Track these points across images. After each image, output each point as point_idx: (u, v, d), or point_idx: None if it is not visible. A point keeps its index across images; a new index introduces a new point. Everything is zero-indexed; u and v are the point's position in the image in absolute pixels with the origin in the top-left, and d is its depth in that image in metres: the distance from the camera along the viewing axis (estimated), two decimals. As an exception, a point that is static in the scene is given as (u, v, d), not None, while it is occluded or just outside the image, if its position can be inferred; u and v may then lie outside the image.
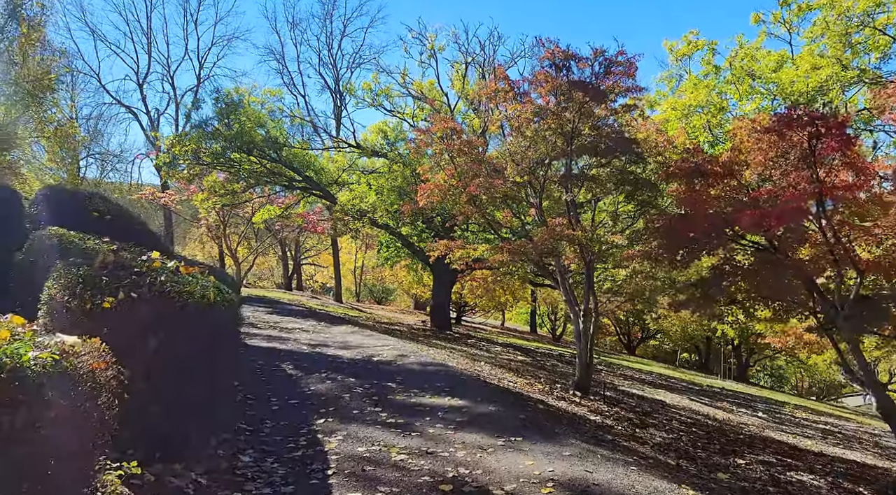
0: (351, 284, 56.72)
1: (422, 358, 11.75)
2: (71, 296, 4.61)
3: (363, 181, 20.51)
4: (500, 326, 46.91)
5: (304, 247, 58.59)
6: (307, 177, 20.73)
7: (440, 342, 17.28)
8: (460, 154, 11.44)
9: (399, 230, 21.10)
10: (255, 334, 13.69)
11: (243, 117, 19.39)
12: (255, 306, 18.69)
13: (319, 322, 16.34)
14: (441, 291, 21.47)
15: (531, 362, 16.75)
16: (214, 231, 28.72)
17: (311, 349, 12.31)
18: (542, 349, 24.39)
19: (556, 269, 11.64)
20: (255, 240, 31.95)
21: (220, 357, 6.54)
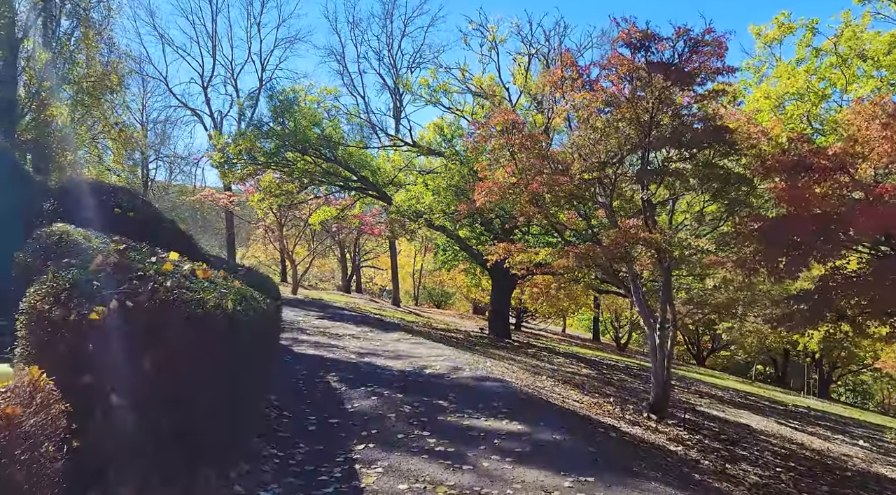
0: (410, 287, 56.31)
1: (478, 371, 10.76)
2: (54, 305, 3.87)
3: (419, 181, 19.72)
4: (561, 333, 45.42)
5: (363, 250, 58.66)
6: (363, 177, 20.09)
7: (498, 351, 16.24)
8: (522, 149, 10.40)
9: (456, 232, 20.20)
10: (303, 341, 13.04)
11: (298, 116, 18.91)
12: (308, 310, 18.14)
13: (371, 328, 15.59)
14: (500, 297, 20.43)
15: (597, 376, 15.50)
16: (272, 232, 28.55)
17: (360, 358, 11.52)
18: (608, 360, 22.99)
19: (627, 276, 10.44)
20: (312, 241, 31.69)
21: (245, 373, 5.75)
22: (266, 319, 6.55)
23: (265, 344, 7.14)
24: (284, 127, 17.93)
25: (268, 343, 7.37)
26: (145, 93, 44.50)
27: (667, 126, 8.90)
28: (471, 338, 19.25)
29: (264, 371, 7.99)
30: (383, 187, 20.73)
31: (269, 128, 18.04)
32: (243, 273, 8.60)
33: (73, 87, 18.31)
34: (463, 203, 13.22)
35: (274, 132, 18.00)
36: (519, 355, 16.47)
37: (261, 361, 7.32)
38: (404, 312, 32.30)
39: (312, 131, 18.80)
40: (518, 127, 10.71)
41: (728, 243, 8.76)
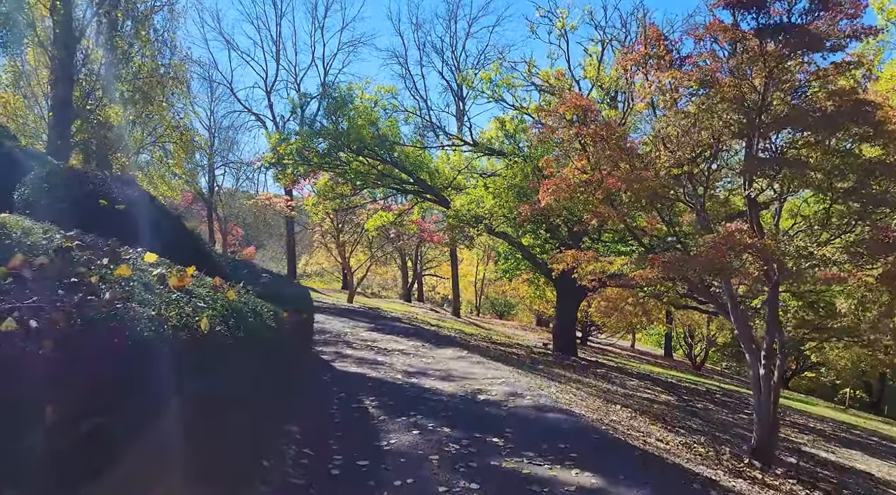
0: (472, 297, 54.89)
1: (540, 398, 9.23)
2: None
3: (480, 184, 18.36)
4: (630, 349, 42.98)
5: (426, 258, 57.72)
6: (420, 179, 18.88)
7: (564, 372, 14.60)
8: (595, 140, 8.85)
9: (518, 240, 18.70)
10: (347, 356, 11.84)
11: (353, 114, 17.90)
12: (358, 320, 17.00)
13: (424, 342, 14.27)
14: (566, 311, 18.75)
15: (678, 404, 13.64)
16: (328, 238, 27.78)
17: (406, 378, 10.18)
18: (685, 382, 20.87)
19: (721, 291, 8.70)
20: (371, 248, 30.78)
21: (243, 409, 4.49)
22: (278, 337, 5.30)
23: (279, 366, 5.90)
24: (338, 126, 16.94)
25: (284, 364, 6.12)
26: (213, 99, 45.08)
27: (781, 106, 7.17)
28: (533, 354, 17.65)
29: (282, 398, 6.77)
30: (441, 191, 19.45)
31: (322, 127, 17.09)
32: (267, 281, 7.43)
33: (125, 86, 17.90)
34: (526, 204, 11.73)
35: (327, 131, 17.04)
36: (587, 376, 14.78)
37: (275, 387, 6.08)
38: (464, 323, 30.91)
39: (367, 130, 17.73)
40: (591, 113, 9.16)
41: (861, 253, 6.92)
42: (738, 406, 16.41)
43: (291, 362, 6.73)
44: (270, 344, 5.01)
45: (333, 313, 17.65)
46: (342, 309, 19.14)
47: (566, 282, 17.82)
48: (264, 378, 5.19)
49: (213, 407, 3.75)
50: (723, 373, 38.24)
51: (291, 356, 6.55)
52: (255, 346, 4.46)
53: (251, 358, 4.42)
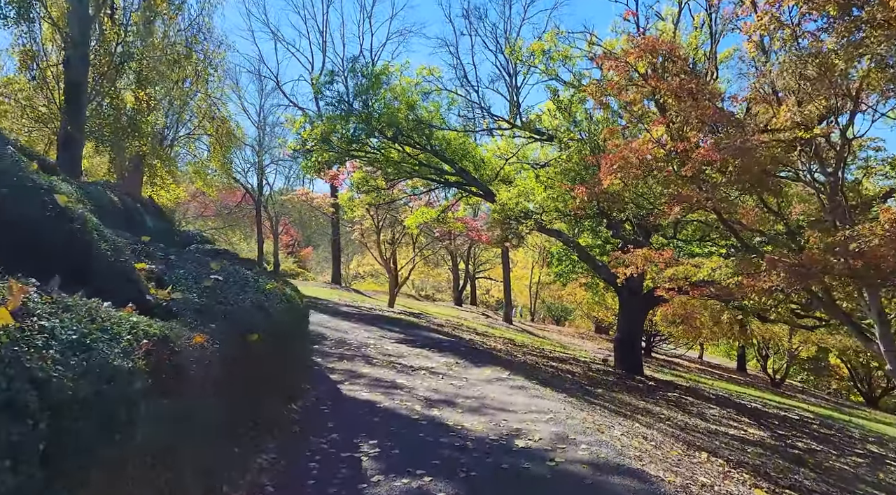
0: (528, 301, 52.21)
1: (601, 450, 6.84)
2: None
3: (530, 175, 15.99)
4: (698, 360, 39.54)
5: (479, 259, 55.41)
6: (463, 169, 16.63)
7: (629, 398, 12.08)
8: (680, 97, 6.40)
9: (575, 239, 16.22)
10: (361, 376, 9.72)
11: (390, 96, 15.83)
12: (388, 330, 14.89)
13: (459, 358, 12.01)
14: (629, 322, 16.14)
15: (774, 444, 10.92)
16: (369, 236, 25.87)
17: (425, 410, 7.97)
18: (771, 405, 17.87)
19: (866, 305, 6.12)
20: (415, 248, 28.75)
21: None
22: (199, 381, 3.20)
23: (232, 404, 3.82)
24: (368, 108, 14.89)
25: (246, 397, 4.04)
26: (263, 95, 44.04)
27: None
28: (591, 373, 15.12)
29: (253, 438, 4.73)
30: (487, 183, 17.14)
31: (350, 109, 15.07)
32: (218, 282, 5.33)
33: (139, 65, 16.33)
34: (581, 186, 9.24)
35: (356, 114, 15.01)
36: (657, 404, 12.19)
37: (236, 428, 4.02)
38: (515, 331, 28.46)
39: (404, 114, 15.61)
40: (674, 63, 6.73)
41: None
42: (845, 442, 13.46)
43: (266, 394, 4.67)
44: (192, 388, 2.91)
45: (362, 320, 15.61)
46: (373, 316, 17.11)
47: (630, 288, 15.25)
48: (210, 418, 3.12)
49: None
50: (804, 391, 34.46)
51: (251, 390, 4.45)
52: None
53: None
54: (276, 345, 5.43)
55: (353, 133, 15.05)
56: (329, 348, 11.63)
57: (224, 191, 46.07)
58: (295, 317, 6.89)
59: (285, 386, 6.86)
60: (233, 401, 4.46)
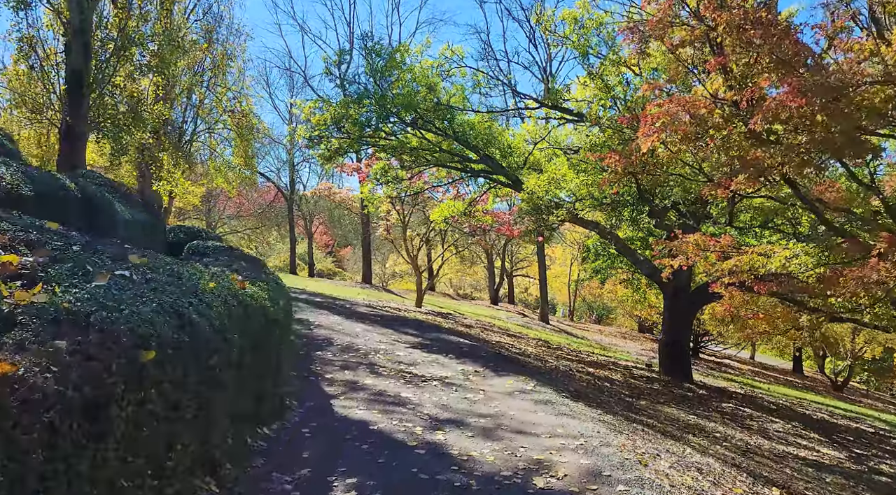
0: (567, 299, 50.28)
1: (641, 490, 5.33)
2: None
3: (561, 160, 14.42)
4: (749, 361, 37.17)
5: (516, 257, 53.76)
6: (488, 156, 15.15)
7: (676, 411, 10.45)
8: (745, 28, 4.83)
9: (612, 229, 14.57)
10: (362, 389, 8.38)
11: (407, 76, 14.47)
12: (404, 333, 13.53)
13: (479, 366, 10.55)
14: (676, 323, 14.41)
15: (855, 467, 9.16)
16: (395, 233, 24.60)
17: (428, 433, 6.58)
18: (838, 414, 15.89)
19: None
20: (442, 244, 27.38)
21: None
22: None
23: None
24: (382, 89, 13.55)
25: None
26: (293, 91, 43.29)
27: None
28: (633, 380, 13.49)
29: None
30: (515, 171, 15.61)
31: (364, 92, 13.73)
32: (115, 282, 4.02)
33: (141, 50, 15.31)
34: (615, 153, 7.61)
35: (369, 96, 13.67)
36: (710, 418, 10.53)
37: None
38: (551, 332, 26.84)
39: (424, 95, 14.22)
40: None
41: None
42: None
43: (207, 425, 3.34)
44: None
45: (379, 323, 14.29)
46: (394, 317, 15.77)
47: (677, 284, 13.57)
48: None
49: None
50: (867, 394, 31.84)
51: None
52: None
53: None
54: (207, 361, 4.10)
55: (366, 117, 13.72)
56: (332, 355, 10.34)
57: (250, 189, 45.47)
58: (259, 325, 5.57)
59: (246, 409, 5.54)
60: (131, 444, 3.14)
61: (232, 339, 4.62)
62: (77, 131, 15.43)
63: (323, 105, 14.15)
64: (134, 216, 9.90)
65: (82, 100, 15.48)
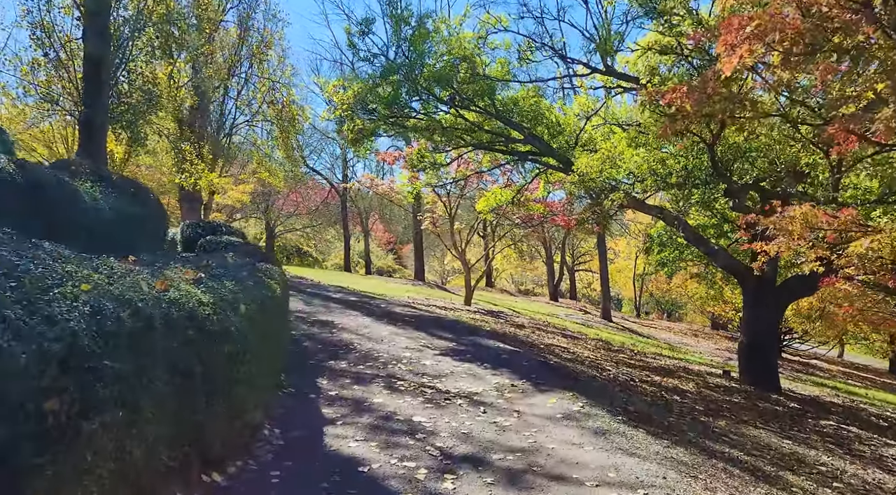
0: (632, 294, 47.58)
1: None
2: None
3: (618, 136, 12.45)
4: (838, 360, 33.80)
5: (578, 250, 51.37)
6: (534, 135, 13.35)
7: (765, 434, 8.44)
8: None
9: (680, 216, 12.49)
10: (369, 409, 6.86)
11: (440, 48, 12.88)
12: (438, 336, 11.92)
13: (518, 378, 8.82)
14: (759, 322, 12.20)
15: None
16: (441, 226, 23.05)
17: (432, 479, 4.99)
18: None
19: None
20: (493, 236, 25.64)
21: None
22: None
23: None
24: (409, 61, 11.97)
25: None
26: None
27: None
28: (708, 390, 11.45)
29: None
30: (566, 152, 13.75)
31: (391, 65, 12.17)
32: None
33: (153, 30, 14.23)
34: (682, 86, 5.74)
35: (397, 70, 12.11)
36: (809, 444, 8.46)
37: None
38: (614, 330, 24.70)
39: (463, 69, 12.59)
40: None
41: None
42: None
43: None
44: None
45: (411, 324, 12.76)
46: (431, 318, 14.19)
47: (761, 276, 11.44)
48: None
49: None
50: None
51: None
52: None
53: None
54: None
55: (394, 94, 12.17)
56: (347, 365, 8.86)
57: (303, 186, 44.88)
58: (185, 339, 4.08)
59: (172, 449, 4.05)
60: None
61: (106, 366, 3.12)
62: (95, 122, 14.53)
63: (348, 83, 12.68)
64: (120, 209, 8.71)
65: (100, 88, 14.57)
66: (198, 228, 13.40)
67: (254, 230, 55.55)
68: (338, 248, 55.99)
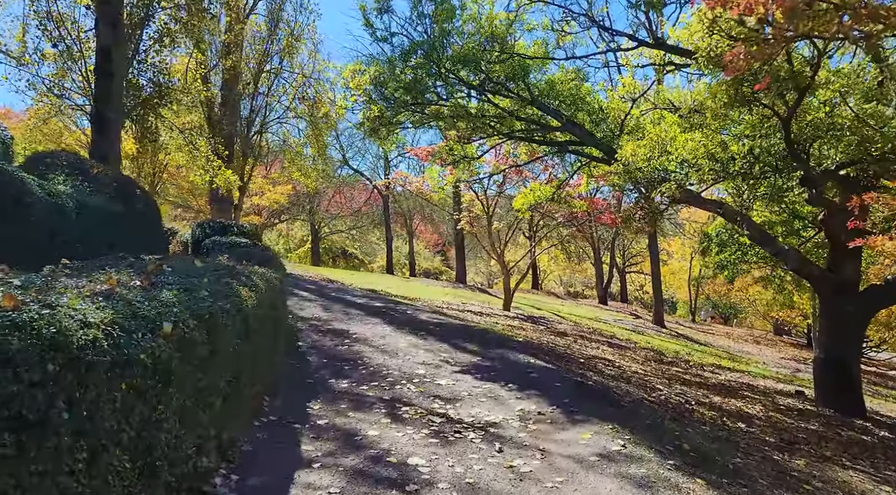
0: (687, 297, 45.04)
1: None
2: None
3: (670, 119, 10.89)
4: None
5: (628, 251, 49.19)
6: (573, 122, 11.89)
7: (857, 478, 6.81)
8: None
9: (743, 211, 10.81)
10: (357, 446, 5.61)
11: (467, 26, 11.60)
12: (461, 348, 10.59)
13: (548, 404, 7.39)
14: (839, 334, 10.41)
15: None
16: (478, 226, 21.72)
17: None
18: None
19: None
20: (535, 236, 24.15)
21: None
22: None
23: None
24: (429, 38, 10.72)
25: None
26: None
27: None
28: (779, 414, 9.78)
29: None
30: (609, 141, 12.23)
31: (410, 44, 10.92)
32: None
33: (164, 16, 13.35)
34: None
35: (417, 51, 10.87)
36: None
37: None
38: (667, 337, 22.87)
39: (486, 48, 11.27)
40: None
41: None
42: None
43: None
44: None
45: (435, 334, 11.48)
46: (456, 327, 12.86)
47: (839, 278, 9.71)
48: None
49: None
50: None
51: None
52: None
53: None
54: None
55: (414, 77, 10.93)
56: (350, 384, 7.65)
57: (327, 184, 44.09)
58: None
59: None
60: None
61: None
62: (106, 117, 13.82)
63: (365, 66, 11.50)
64: (98, 206, 7.73)
65: (111, 81, 13.85)
66: (206, 229, 12.54)
67: (300, 232, 55.34)
68: (383, 250, 55.19)
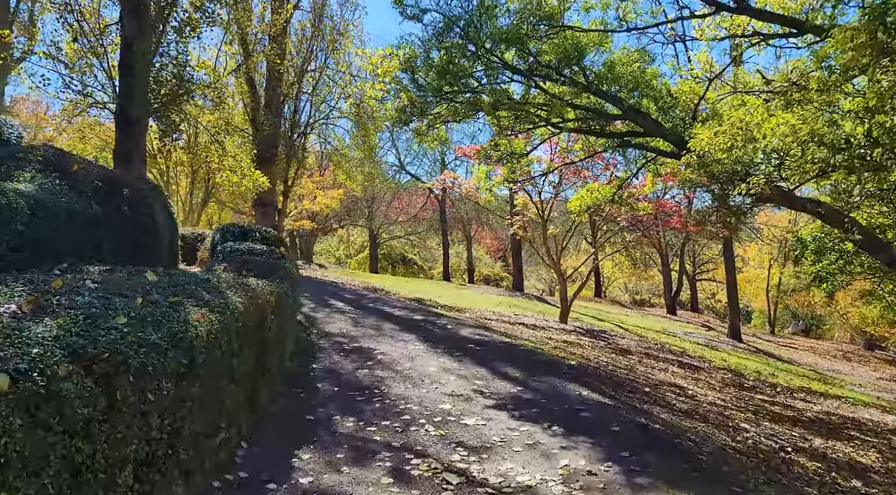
0: (765, 307, 41.75)
1: None
2: None
3: (753, 102, 9.06)
4: None
5: (700, 258, 46.21)
6: (634, 109, 10.21)
7: None
8: None
9: (847, 211, 8.85)
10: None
11: (512, 4, 10.13)
12: (503, 374, 9.04)
13: (601, 459, 5.79)
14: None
15: None
16: (533, 231, 20.09)
17: None
18: None
19: None
20: (596, 241, 22.32)
21: None
22: None
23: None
24: (466, 13, 9.29)
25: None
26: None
27: None
28: (890, 447, 7.81)
29: None
30: (679, 132, 10.47)
31: (446, 20, 9.50)
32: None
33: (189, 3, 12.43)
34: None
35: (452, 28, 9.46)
36: None
37: None
38: (745, 353, 20.55)
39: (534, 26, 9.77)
40: None
41: None
42: None
43: None
44: None
45: (475, 356, 10.00)
46: (502, 346, 11.30)
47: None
48: None
49: None
50: None
51: None
52: None
53: None
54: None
55: (448, 59, 9.51)
56: (356, 423, 6.29)
57: (406, 192, 43.13)
58: None
59: None
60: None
61: None
62: (130, 115, 13.03)
63: (396, 51, 10.19)
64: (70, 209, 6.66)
65: (134, 77, 13.05)
66: (226, 234, 11.57)
67: (360, 238, 54.88)
68: (441, 257, 54.01)
